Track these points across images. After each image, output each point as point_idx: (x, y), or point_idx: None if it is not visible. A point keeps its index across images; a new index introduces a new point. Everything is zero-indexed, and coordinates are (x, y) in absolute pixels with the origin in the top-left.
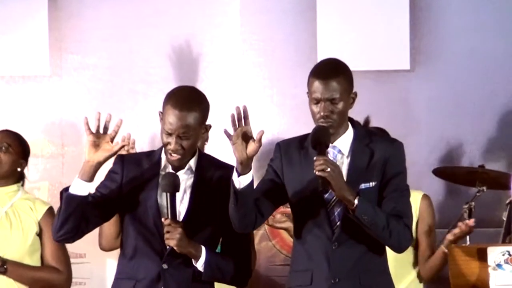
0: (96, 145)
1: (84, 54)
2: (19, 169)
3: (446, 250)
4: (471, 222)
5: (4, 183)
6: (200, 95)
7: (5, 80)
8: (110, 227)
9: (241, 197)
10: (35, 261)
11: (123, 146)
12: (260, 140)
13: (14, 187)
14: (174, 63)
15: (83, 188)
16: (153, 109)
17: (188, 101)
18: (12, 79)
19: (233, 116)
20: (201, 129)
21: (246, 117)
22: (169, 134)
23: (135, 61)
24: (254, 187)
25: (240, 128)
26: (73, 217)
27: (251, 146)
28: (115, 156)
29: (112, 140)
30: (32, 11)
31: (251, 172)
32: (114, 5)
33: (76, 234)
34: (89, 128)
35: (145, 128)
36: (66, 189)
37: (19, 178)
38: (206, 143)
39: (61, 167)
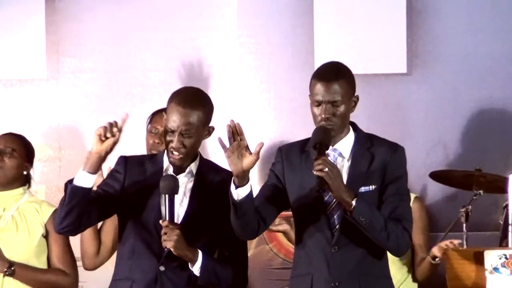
0: (102, 137)
1: (81, 57)
2: (25, 173)
3: (433, 261)
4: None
5: (10, 187)
6: (205, 96)
7: (2, 84)
8: (89, 246)
9: (240, 208)
10: (41, 263)
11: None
12: (258, 153)
13: (20, 190)
14: (171, 66)
15: (88, 180)
16: (151, 112)
17: (192, 99)
18: (9, 82)
19: (228, 127)
20: (204, 130)
21: (240, 133)
22: (172, 132)
23: (133, 64)
24: (257, 190)
25: (236, 142)
26: (76, 209)
27: (248, 159)
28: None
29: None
30: (29, 15)
31: (249, 184)
32: (111, 8)
33: (79, 226)
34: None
35: (142, 131)
36: (71, 181)
37: (25, 181)
38: None
39: (58, 171)
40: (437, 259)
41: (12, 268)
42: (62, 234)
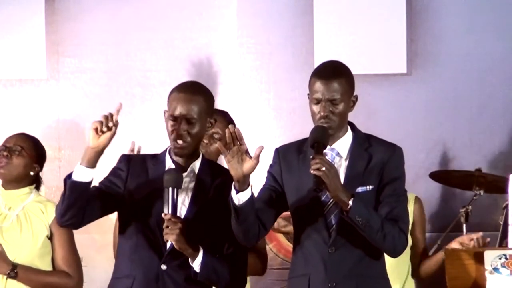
0: (99, 132)
1: (81, 57)
2: (32, 173)
3: None
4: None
5: (17, 186)
6: (205, 87)
7: (2, 84)
8: None
9: (241, 212)
10: (45, 265)
11: (115, 124)
12: (258, 157)
13: (26, 189)
14: (171, 66)
15: (86, 175)
16: (150, 112)
17: (193, 87)
18: (9, 82)
19: (228, 133)
20: (206, 120)
21: (240, 138)
22: (175, 120)
23: (132, 64)
24: (256, 190)
25: (236, 147)
26: (77, 204)
27: (248, 163)
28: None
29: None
30: (29, 15)
31: (250, 188)
32: (111, 8)
33: (82, 220)
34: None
35: (142, 131)
36: (69, 176)
37: (33, 181)
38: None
39: (58, 171)
40: None
41: (15, 271)
42: (65, 228)
